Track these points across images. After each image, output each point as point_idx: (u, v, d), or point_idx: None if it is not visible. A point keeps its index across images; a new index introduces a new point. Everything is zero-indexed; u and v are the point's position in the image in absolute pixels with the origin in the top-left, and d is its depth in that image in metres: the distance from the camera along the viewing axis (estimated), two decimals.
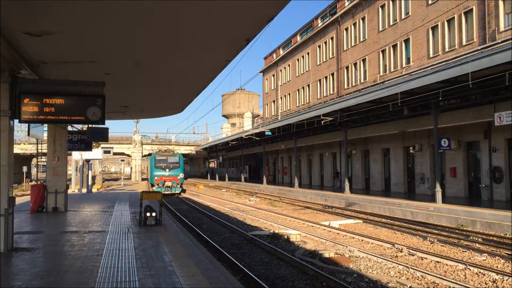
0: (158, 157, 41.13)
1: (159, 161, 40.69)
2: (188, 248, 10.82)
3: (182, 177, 41.04)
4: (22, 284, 7.32)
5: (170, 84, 14.85)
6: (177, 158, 41.63)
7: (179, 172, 40.80)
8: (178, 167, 40.91)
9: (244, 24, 8.81)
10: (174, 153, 43.09)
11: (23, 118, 10.01)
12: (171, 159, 41.15)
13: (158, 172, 40.25)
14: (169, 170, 40.23)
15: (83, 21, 8.20)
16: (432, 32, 31.87)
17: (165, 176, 40.03)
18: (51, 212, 18.34)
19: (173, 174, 40.41)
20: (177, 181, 40.54)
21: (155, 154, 42.34)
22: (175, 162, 41.09)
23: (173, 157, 41.54)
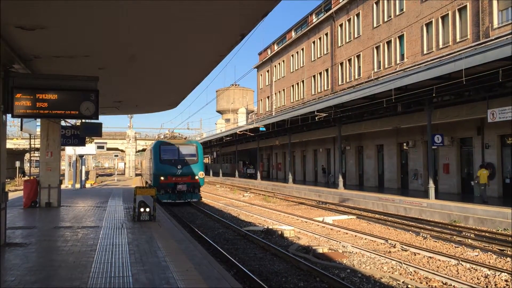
0: (164, 146, 27.06)
1: (166, 153, 26.80)
2: (182, 243, 10.81)
3: (202, 177, 26.61)
4: (15, 279, 7.30)
5: (164, 79, 14.79)
6: (194, 147, 27.36)
7: (197, 169, 26.48)
8: (195, 161, 26.73)
9: (239, 19, 8.78)
10: (189, 140, 29.38)
11: (15, 112, 9.94)
12: (185, 149, 27.07)
13: (165, 169, 25.98)
14: (182, 166, 26.15)
15: (76, 15, 8.14)
16: (426, 28, 31.94)
17: (176, 176, 25.91)
18: (44, 207, 18.26)
19: (188, 173, 26.19)
20: (194, 184, 26.27)
21: (159, 142, 27.78)
22: (190, 154, 26.97)
23: (187, 146, 27.43)
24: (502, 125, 21.24)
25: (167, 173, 25.75)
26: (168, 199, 25.77)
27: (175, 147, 27.01)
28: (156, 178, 25.79)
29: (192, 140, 30.24)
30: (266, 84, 66.87)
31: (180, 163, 26.21)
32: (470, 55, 17.27)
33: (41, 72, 12.54)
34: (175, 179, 25.86)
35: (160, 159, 26.28)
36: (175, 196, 25.90)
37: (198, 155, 27.03)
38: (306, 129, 39.65)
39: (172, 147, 27.00)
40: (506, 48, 15.60)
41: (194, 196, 26.45)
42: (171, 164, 26.04)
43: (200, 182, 26.51)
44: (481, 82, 18.81)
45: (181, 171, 26.00)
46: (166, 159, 26.28)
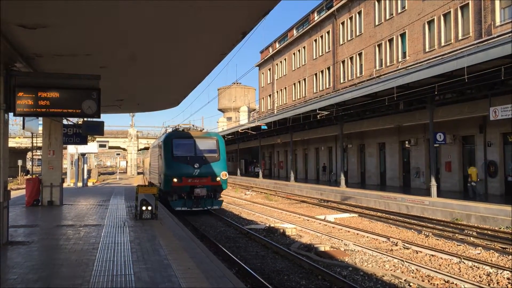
0: (178, 140, 22.01)
1: (180, 148, 21.72)
2: (183, 241, 10.82)
3: (225, 179, 21.63)
4: (18, 278, 7.31)
5: (166, 78, 14.79)
6: (215, 141, 22.33)
7: (219, 168, 21.46)
8: (216, 158, 21.74)
9: (240, 18, 8.77)
10: (208, 133, 24.01)
11: (17, 111, 9.95)
12: (204, 144, 22.09)
13: (179, 169, 20.92)
14: (200, 165, 21.07)
15: (78, 13, 8.13)
16: (428, 26, 31.87)
17: (193, 178, 20.85)
18: (46, 205, 18.29)
19: (208, 173, 21.12)
20: (215, 187, 21.35)
21: (171, 134, 22.69)
22: (211, 149, 21.99)
23: (206, 139, 22.37)
24: (505, 123, 21.19)
25: (182, 174, 20.55)
26: (183, 206, 20.66)
27: (191, 140, 21.79)
28: (168, 180, 20.55)
29: (212, 132, 24.26)
30: (267, 83, 66.82)
31: (197, 160, 20.91)
32: (472, 53, 17.23)
33: (43, 71, 12.54)
34: (192, 181, 20.59)
35: (172, 156, 21.08)
36: (192, 202, 20.67)
37: (219, 151, 21.86)
38: (308, 127, 39.63)
39: (188, 141, 21.82)
40: (508, 46, 15.56)
41: (215, 203, 21.30)
42: (186, 162, 20.79)
43: (222, 185, 21.28)
44: (483, 80, 18.76)
45: (199, 171, 20.72)
46: (180, 155, 21.10)
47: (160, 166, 22.67)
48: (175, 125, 24.64)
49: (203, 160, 21.19)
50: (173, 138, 21.89)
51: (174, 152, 21.26)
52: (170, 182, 20.56)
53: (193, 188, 20.67)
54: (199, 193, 20.64)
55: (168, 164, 21.07)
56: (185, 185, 20.64)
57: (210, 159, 21.42)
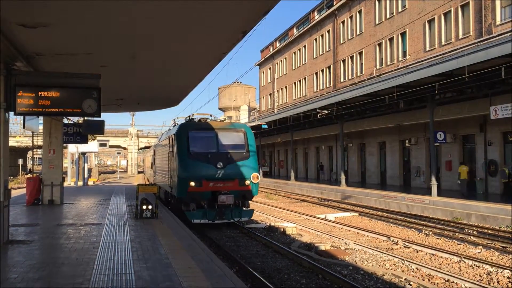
0: (195, 132, 17.37)
1: (198, 142, 17.19)
2: (184, 240, 10.83)
3: (256, 182, 17.03)
4: (18, 277, 7.32)
5: (166, 77, 14.79)
6: (242, 134, 17.73)
7: (249, 168, 16.95)
8: (245, 156, 17.19)
9: (241, 17, 8.76)
10: (233, 123, 19.52)
11: (18, 110, 9.96)
12: (229, 137, 17.53)
13: (197, 170, 16.48)
14: (225, 164, 16.59)
15: (79, 12, 8.13)
16: (428, 25, 31.84)
17: (215, 181, 16.43)
18: (47, 204, 18.31)
19: (234, 175, 16.73)
20: (244, 193, 16.91)
21: (186, 125, 17.95)
22: (237, 144, 17.47)
23: (232, 132, 17.84)
24: (505, 122, 21.18)
25: (201, 176, 16.04)
26: (203, 217, 16.00)
27: (212, 133, 17.11)
28: (182, 184, 16.03)
29: (237, 123, 20.45)
30: (268, 82, 66.81)
31: (221, 159, 16.40)
32: (473, 52, 17.22)
33: (44, 70, 12.55)
34: (214, 185, 16.11)
35: (188, 153, 16.46)
36: (214, 213, 16.04)
37: (249, 146, 17.22)
38: (308, 126, 39.62)
39: (208, 134, 17.13)
40: (508, 45, 15.55)
41: (244, 213, 16.64)
42: (206, 161, 16.27)
43: (253, 191, 16.77)
44: (483, 79, 18.76)
45: (224, 172, 16.22)
46: (198, 152, 16.50)
47: (171, 166, 18.07)
48: (187, 116, 19.05)
49: (228, 158, 16.55)
50: (189, 130, 16.99)
51: (191, 148, 16.54)
52: (186, 187, 15.90)
53: (216, 194, 16.03)
54: (225, 200, 15.87)
55: (183, 163, 16.29)
56: (206, 191, 16.08)
57: (237, 156, 16.72)
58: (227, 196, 16.01)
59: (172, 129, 19.49)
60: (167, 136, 20.01)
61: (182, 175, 16.18)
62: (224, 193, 16.05)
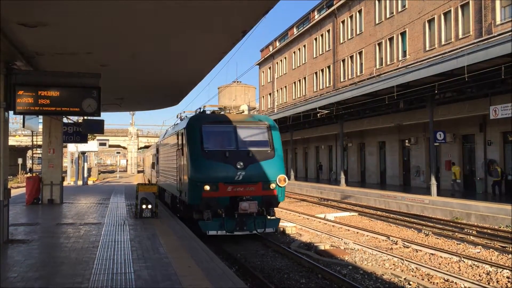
0: (210, 126, 14.68)
1: (214, 138, 14.63)
2: (183, 240, 10.84)
3: (283, 186, 14.33)
4: (18, 276, 7.32)
5: (166, 76, 14.79)
6: (265, 129, 15.23)
7: (274, 169, 14.29)
8: (269, 155, 14.54)
9: (241, 16, 8.77)
10: (254, 116, 17.24)
11: (18, 109, 9.97)
12: (250, 132, 15.05)
13: (213, 171, 13.76)
14: (245, 164, 13.87)
15: (79, 11, 8.13)
16: (428, 25, 31.84)
17: (234, 184, 13.71)
18: (46, 204, 18.31)
19: (258, 177, 14.02)
20: (269, 198, 14.13)
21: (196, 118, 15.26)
22: (260, 140, 15.01)
23: (253, 125, 15.32)
24: (505, 121, 21.18)
25: (218, 178, 13.48)
26: (220, 228, 13.28)
27: (230, 126, 14.55)
28: (195, 188, 13.44)
29: (259, 115, 17.10)
30: (268, 81, 66.80)
31: (241, 158, 13.76)
32: (473, 51, 17.22)
33: (43, 69, 12.55)
34: (234, 189, 13.52)
35: (202, 151, 13.82)
36: (234, 223, 13.28)
37: (273, 143, 14.69)
38: (308, 126, 39.62)
39: (225, 128, 14.60)
40: (508, 45, 15.55)
41: (269, 223, 13.89)
42: (224, 161, 13.66)
43: (278, 196, 14.11)
44: (483, 79, 18.75)
45: (245, 173, 13.57)
46: (214, 150, 13.93)
47: (180, 166, 15.31)
48: (197, 109, 16.81)
49: (250, 157, 13.91)
50: (203, 124, 14.29)
51: (205, 145, 13.90)
52: (199, 192, 13.31)
53: (236, 200, 13.31)
54: (247, 208, 13.11)
55: (195, 163, 13.66)
56: (224, 196, 13.43)
57: (260, 155, 14.09)
58: (250, 203, 13.20)
59: (181, 123, 16.51)
60: (175, 131, 16.94)
61: (195, 178, 13.46)
62: (246, 199, 13.36)
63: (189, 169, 13.73)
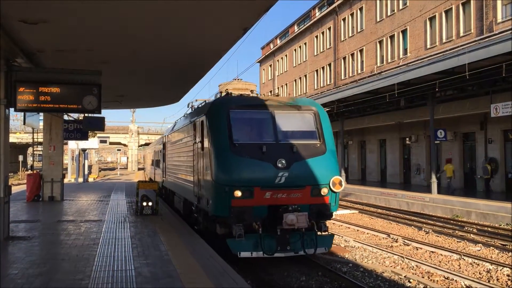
0: (240, 111, 11.10)
1: (245, 127, 11.19)
2: (184, 237, 10.84)
3: (338, 191, 10.75)
4: (19, 273, 7.33)
5: (167, 74, 14.79)
6: (312, 116, 11.36)
7: (327, 168, 10.69)
8: (319, 150, 10.88)
9: (242, 13, 8.76)
10: (296, 100, 12.05)
11: (18, 106, 9.98)
12: (292, 120, 11.33)
13: (246, 170, 10.21)
14: (289, 162, 10.24)
15: (79, 8, 8.13)
16: (429, 22, 31.79)
17: (275, 189, 10.17)
18: (47, 201, 18.32)
19: (305, 179, 10.43)
20: (320, 207, 10.64)
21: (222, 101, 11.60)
22: (305, 130, 11.24)
23: (295, 111, 11.43)
24: (506, 119, 21.17)
25: (253, 181, 10.23)
26: (255, 248, 10.06)
27: (266, 113, 11.25)
28: (222, 194, 10.16)
29: (304, 99, 13.27)
30: (268, 79, 66.74)
31: (283, 154, 10.53)
32: (474, 49, 17.19)
33: (44, 66, 12.55)
34: (273, 195, 10.30)
35: (230, 144, 10.56)
36: (275, 241, 10.14)
37: (323, 135, 11.24)
38: None
39: (260, 114, 11.34)
40: (509, 43, 15.52)
41: (321, 241, 10.61)
42: (260, 158, 10.40)
43: (331, 204, 10.91)
44: (484, 77, 18.73)
45: (288, 174, 10.33)
46: (246, 143, 10.71)
47: (198, 165, 11.75)
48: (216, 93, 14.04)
49: (294, 153, 10.51)
50: (230, 108, 10.95)
51: (235, 136, 10.54)
52: (228, 199, 10.00)
53: (277, 210, 10.11)
54: (294, 222, 9.73)
55: (222, 160, 10.34)
56: (260, 205, 10.17)
57: (307, 150, 10.68)
58: (299, 215, 9.71)
59: (199, 109, 12.76)
60: (190, 121, 13.28)
61: (222, 180, 10.04)
62: (292, 208, 9.90)
63: (214, 169, 10.22)
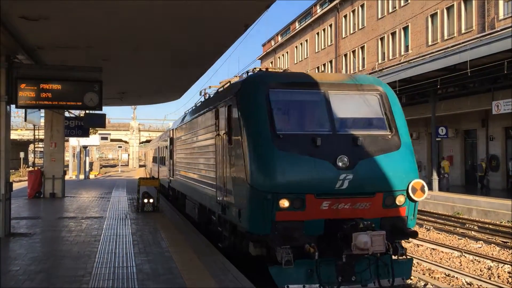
0: (283, 91, 7.86)
1: (290, 113, 8.04)
2: (185, 234, 10.84)
3: (420, 199, 7.46)
4: (20, 269, 7.34)
5: (168, 71, 14.77)
6: (376, 96, 8.05)
7: (402, 169, 7.49)
8: (391, 143, 7.62)
9: (243, 10, 8.74)
10: (354, 78, 8.52)
11: (19, 103, 9.97)
12: (352, 103, 8.12)
13: (295, 172, 7.06)
14: (352, 161, 7.14)
15: (80, 5, 8.11)
16: (431, 19, 31.71)
17: (335, 197, 7.12)
18: (48, 198, 18.34)
19: (376, 184, 7.31)
20: (394, 221, 7.41)
21: (258, 77, 8.37)
22: (370, 117, 8.05)
23: (356, 92, 8.08)
24: (507, 117, 21.12)
25: (304, 186, 7.13)
26: (309, 280, 6.99)
27: (317, 93, 7.96)
28: (262, 204, 7.03)
29: (363, 76, 11.08)
30: None
31: (343, 148, 7.34)
32: (475, 46, 17.16)
33: (45, 63, 12.54)
34: (332, 206, 7.20)
35: (273, 135, 7.31)
36: (334, 268, 7.04)
37: (394, 123, 7.91)
38: None
39: (310, 95, 8.06)
40: (511, 40, 15.48)
41: (398, 269, 7.31)
42: (313, 154, 7.21)
43: (409, 218, 7.65)
44: (486, 74, 18.69)
45: (353, 176, 7.19)
46: (293, 134, 7.55)
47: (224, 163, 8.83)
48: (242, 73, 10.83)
49: (359, 147, 7.53)
50: (270, 87, 7.91)
51: (279, 125, 7.55)
52: (270, 210, 7.10)
53: (339, 226, 7.17)
54: (368, 246, 6.72)
55: (262, 157, 7.40)
56: (315, 219, 7.30)
57: (375, 144, 7.71)
58: (375, 235, 6.79)
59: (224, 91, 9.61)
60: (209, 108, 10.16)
61: (262, 184, 7.15)
62: (365, 225, 6.87)
63: (250, 169, 7.28)
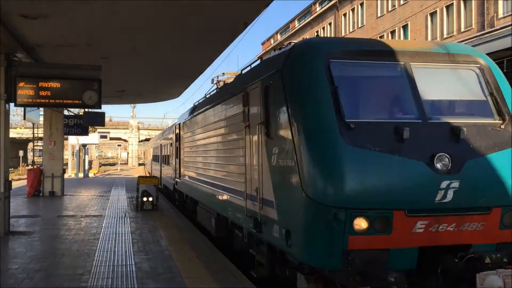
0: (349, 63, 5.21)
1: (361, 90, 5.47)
2: (184, 232, 10.84)
3: None
4: (19, 267, 7.34)
5: (167, 69, 14.75)
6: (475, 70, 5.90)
7: None
8: (504, 134, 4.97)
9: (242, 8, 8.73)
10: (444, 46, 5.78)
11: (18, 101, 9.96)
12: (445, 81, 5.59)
13: (372, 179, 4.52)
14: (454, 162, 4.58)
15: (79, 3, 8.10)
16: (430, 18, 31.70)
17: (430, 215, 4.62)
18: (47, 196, 18.34)
19: (493, 195, 4.78)
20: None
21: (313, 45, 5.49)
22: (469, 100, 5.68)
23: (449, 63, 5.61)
24: None
25: (389, 198, 4.62)
26: None
27: (396, 67, 5.39)
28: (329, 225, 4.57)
29: (453, 44, 6.87)
30: None
31: (437, 142, 4.81)
32: (475, 45, 17.11)
33: (44, 61, 12.52)
34: (428, 227, 4.70)
35: (340, 124, 4.72)
36: None
37: (506, 108, 5.37)
38: None
39: (386, 69, 5.54)
40: (510, 38, 15.48)
41: None
42: (397, 150, 4.68)
43: None
44: None
45: (459, 183, 4.65)
46: (368, 123, 4.91)
47: (259, 163, 6.09)
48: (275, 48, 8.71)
49: (462, 142, 4.90)
50: (331, 57, 5.19)
51: (348, 110, 4.89)
52: (341, 234, 4.58)
53: (443, 258, 4.84)
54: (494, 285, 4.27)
55: (326, 155, 4.77)
56: (406, 247, 4.76)
57: (482, 137, 5.05)
58: (507, 275, 4.40)
59: (258, 66, 7.30)
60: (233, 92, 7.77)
61: (328, 195, 4.72)
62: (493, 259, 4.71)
63: (306, 172, 4.94)
